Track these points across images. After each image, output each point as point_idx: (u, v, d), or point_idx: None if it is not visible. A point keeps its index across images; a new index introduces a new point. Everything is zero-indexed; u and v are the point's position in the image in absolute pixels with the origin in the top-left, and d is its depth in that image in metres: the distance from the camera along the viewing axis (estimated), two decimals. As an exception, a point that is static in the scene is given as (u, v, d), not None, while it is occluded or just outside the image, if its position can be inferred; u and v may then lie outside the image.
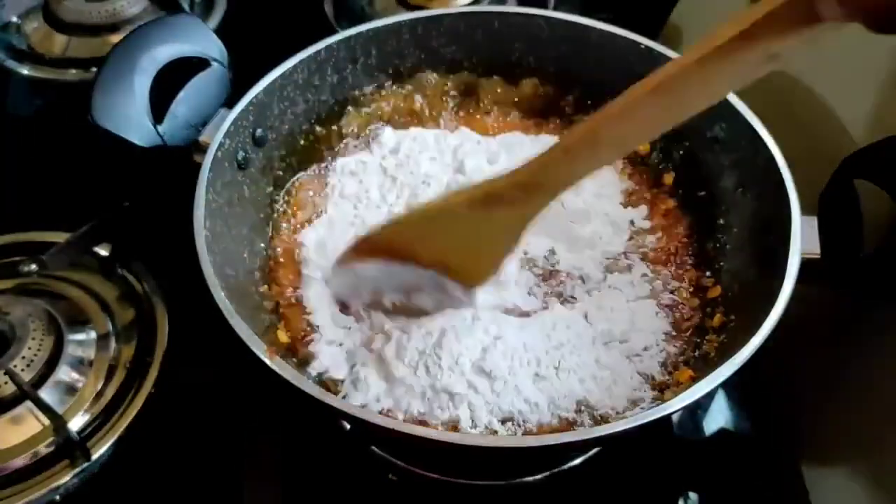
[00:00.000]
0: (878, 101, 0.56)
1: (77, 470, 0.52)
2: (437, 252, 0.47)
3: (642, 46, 0.63)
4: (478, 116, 0.72)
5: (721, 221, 0.59)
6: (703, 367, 0.51)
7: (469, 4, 0.84)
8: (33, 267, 0.60)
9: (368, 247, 0.49)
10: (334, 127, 0.68)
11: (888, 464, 0.51)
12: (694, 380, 0.49)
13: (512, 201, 0.43)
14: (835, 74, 0.59)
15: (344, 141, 0.69)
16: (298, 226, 0.63)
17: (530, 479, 0.57)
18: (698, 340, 0.54)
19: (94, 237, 0.64)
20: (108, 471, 0.54)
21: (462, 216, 0.45)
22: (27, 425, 0.53)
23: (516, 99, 0.71)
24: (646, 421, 0.40)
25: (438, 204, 0.47)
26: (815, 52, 0.61)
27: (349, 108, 0.69)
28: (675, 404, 0.41)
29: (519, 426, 0.49)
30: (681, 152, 0.64)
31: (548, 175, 0.41)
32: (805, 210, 0.49)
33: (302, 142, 0.66)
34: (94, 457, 0.53)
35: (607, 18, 0.64)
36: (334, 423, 0.59)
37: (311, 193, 0.65)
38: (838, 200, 0.49)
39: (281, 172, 0.64)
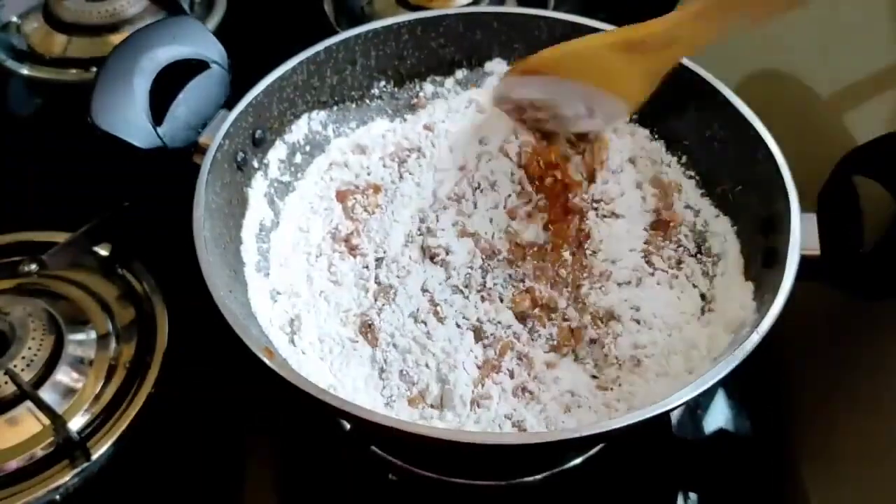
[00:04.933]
0: (877, 98, 0.56)
1: (77, 470, 0.52)
2: (588, 76, 0.55)
3: (642, 46, 0.63)
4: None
5: (721, 219, 0.59)
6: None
7: (469, 4, 0.84)
8: (33, 267, 0.60)
9: (527, 68, 0.58)
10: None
11: (888, 464, 0.51)
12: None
13: (648, 49, 0.51)
14: (834, 71, 0.60)
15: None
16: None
17: (530, 478, 0.56)
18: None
19: (94, 237, 0.64)
20: (108, 471, 0.54)
21: (603, 55, 0.54)
22: (27, 425, 0.53)
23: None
24: (645, 418, 0.40)
25: (583, 42, 0.56)
26: (815, 48, 0.61)
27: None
28: (675, 401, 0.40)
29: None
30: (680, 152, 0.64)
31: (683, 34, 0.50)
32: (804, 207, 0.49)
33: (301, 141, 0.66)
34: (94, 457, 0.53)
35: (605, 18, 0.65)
36: (334, 422, 0.59)
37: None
38: (838, 197, 0.49)
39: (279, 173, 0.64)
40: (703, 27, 0.49)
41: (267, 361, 0.43)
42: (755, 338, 0.43)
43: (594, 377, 0.53)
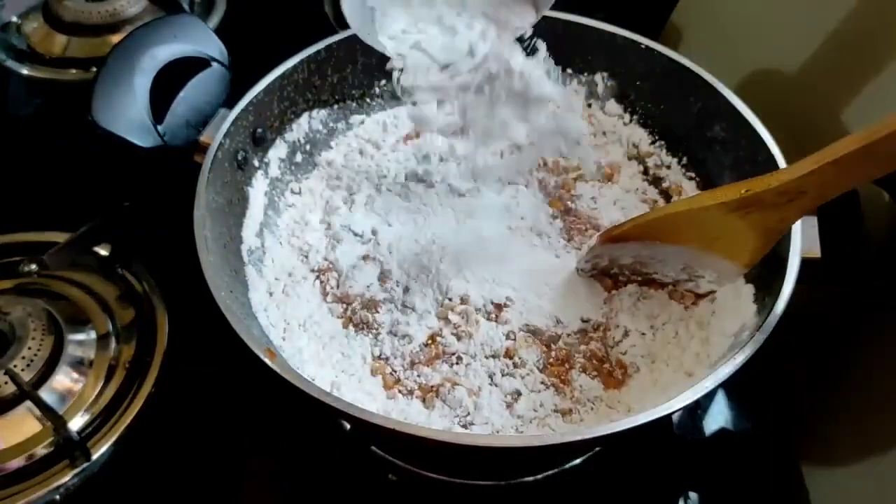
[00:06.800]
0: (878, 99, 0.56)
1: (77, 470, 0.52)
2: (689, 241, 0.50)
3: (642, 46, 0.63)
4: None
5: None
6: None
7: (469, 4, 0.84)
8: (33, 267, 0.60)
9: (622, 234, 0.52)
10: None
11: (888, 463, 0.51)
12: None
13: (770, 206, 0.44)
14: (835, 73, 0.59)
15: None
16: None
17: (530, 478, 0.57)
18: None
19: (94, 237, 0.64)
20: (108, 471, 0.54)
21: (714, 218, 0.47)
22: (27, 425, 0.53)
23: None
24: (646, 420, 0.40)
25: (689, 203, 0.49)
26: (814, 50, 0.60)
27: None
28: (676, 404, 0.41)
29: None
30: (680, 153, 0.64)
31: (813, 184, 0.42)
32: (805, 210, 0.49)
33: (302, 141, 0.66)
34: (94, 457, 0.53)
35: (604, 18, 0.65)
36: (334, 423, 0.59)
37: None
38: (838, 200, 0.49)
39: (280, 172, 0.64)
40: (840, 177, 0.41)
41: (268, 362, 0.43)
42: (755, 342, 0.43)
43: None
